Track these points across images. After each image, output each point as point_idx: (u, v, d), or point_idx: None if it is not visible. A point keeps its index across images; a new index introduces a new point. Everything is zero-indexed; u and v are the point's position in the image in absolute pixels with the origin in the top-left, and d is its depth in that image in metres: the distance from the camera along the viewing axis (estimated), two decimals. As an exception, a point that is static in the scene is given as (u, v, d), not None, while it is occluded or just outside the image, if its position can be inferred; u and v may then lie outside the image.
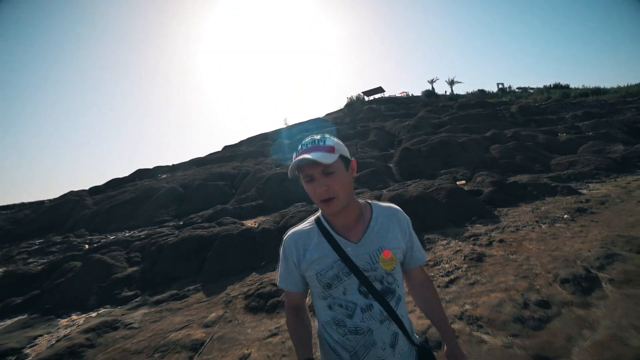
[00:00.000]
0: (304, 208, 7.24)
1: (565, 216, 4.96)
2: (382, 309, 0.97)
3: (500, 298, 2.75)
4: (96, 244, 7.76)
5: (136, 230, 9.33)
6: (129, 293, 4.51)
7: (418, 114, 21.50)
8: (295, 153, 0.99)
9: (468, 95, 32.42)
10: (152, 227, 9.13)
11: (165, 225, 9.07)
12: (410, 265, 1.11)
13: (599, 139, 11.73)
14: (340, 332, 0.99)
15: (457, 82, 37.50)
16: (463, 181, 8.62)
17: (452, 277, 3.35)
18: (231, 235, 5.22)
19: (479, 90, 34.17)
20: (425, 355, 1.05)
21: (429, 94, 33.79)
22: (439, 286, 3.20)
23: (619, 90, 24.31)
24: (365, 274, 0.97)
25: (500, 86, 34.89)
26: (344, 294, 0.98)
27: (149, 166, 22.21)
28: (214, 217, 8.13)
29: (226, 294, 3.90)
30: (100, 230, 10.57)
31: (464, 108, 21.66)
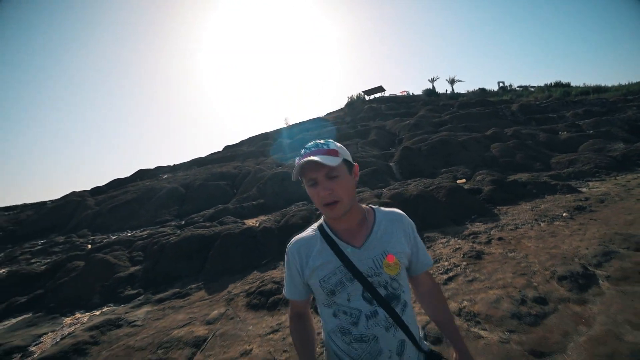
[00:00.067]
0: (304, 207, 7.28)
1: (565, 214, 4.98)
2: (387, 316, 0.95)
3: (498, 295, 2.79)
4: (99, 243, 7.82)
5: (138, 230, 9.39)
6: (132, 292, 4.56)
7: (418, 112, 21.49)
8: (298, 157, 0.99)
9: (469, 94, 32.37)
10: (154, 227, 9.18)
11: (167, 224, 9.12)
12: (416, 270, 1.09)
13: (600, 137, 11.73)
14: (346, 340, 0.97)
15: (458, 81, 37.46)
16: (463, 180, 8.64)
17: (451, 275, 3.39)
18: (232, 234, 5.27)
19: (479, 88, 34.12)
20: None
21: (430, 93, 33.76)
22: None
23: (620, 88, 24.23)
24: (369, 280, 0.96)
25: (501, 85, 34.81)
26: (348, 300, 0.96)
27: (150, 166, 22.31)
28: (216, 217, 8.18)
29: (228, 292, 3.94)
30: (103, 231, 10.64)
31: (465, 107, 21.64)
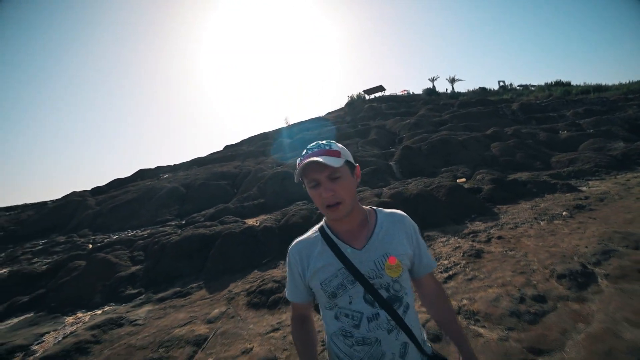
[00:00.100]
0: (305, 206, 7.29)
1: (564, 213, 5.00)
2: (390, 318, 0.94)
3: (498, 293, 2.81)
4: (100, 243, 7.84)
5: (139, 230, 9.41)
6: (133, 291, 4.58)
7: (419, 112, 21.50)
8: (299, 158, 0.98)
9: (469, 93, 32.32)
10: (155, 227, 9.20)
11: (167, 224, 9.15)
12: (419, 273, 1.07)
13: (600, 136, 11.73)
14: (348, 343, 0.96)
15: (458, 80, 37.35)
16: (463, 179, 8.66)
17: (451, 273, 3.41)
18: (233, 234, 5.29)
19: (480, 88, 34.07)
20: None
21: (430, 92, 33.72)
22: (437, 282, 3.25)
23: (620, 87, 24.19)
24: (371, 282, 0.95)
25: (502, 84, 34.76)
26: (350, 303, 0.95)
27: (150, 166, 22.29)
28: (216, 216, 8.20)
29: (229, 291, 3.96)
30: (103, 230, 10.66)
31: (465, 106, 21.63)
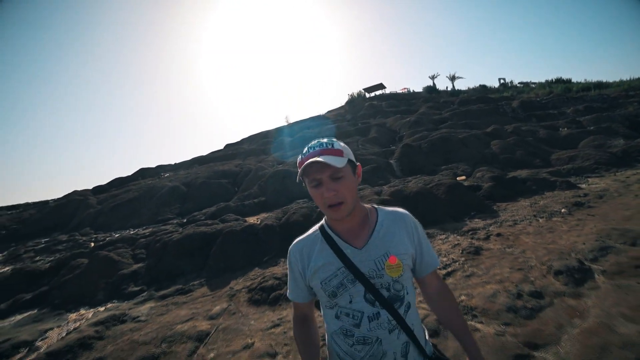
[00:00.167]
0: (305, 205, 7.32)
1: (563, 210, 5.02)
2: (391, 317, 0.93)
3: (495, 289, 2.84)
4: (102, 241, 7.89)
5: (140, 228, 9.47)
6: (135, 288, 4.63)
7: (419, 110, 21.49)
8: (300, 156, 0.96)
9: (469, 91, 32.26)
10: (156, 225, 9.26)
11: (169, 223, 9.20)
12: (422, 271, 1.05)
13: (600, 133, 11.72)
14: (349, 342, 0.95)
15: (459, 78, 37.29)
16: (463, 177, 8.68)
17: (450, 270, 3.44)
18: (234, 232, 5.33)
19: (480, 85, 34.00)
20: None
21: (430, 90, 33.68)
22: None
23: (621, 84, 24.11)
24: (371, 281, 0.94)
25: (502, 81, 34.69)
26: (351, 302, 0.95)
27: (151, 165, 22.42)
28: (217, 215, 8.24)
29: (230, 288, 4.01)
30: (105, 229, 10.73)
31: (465, 104, 21.61)
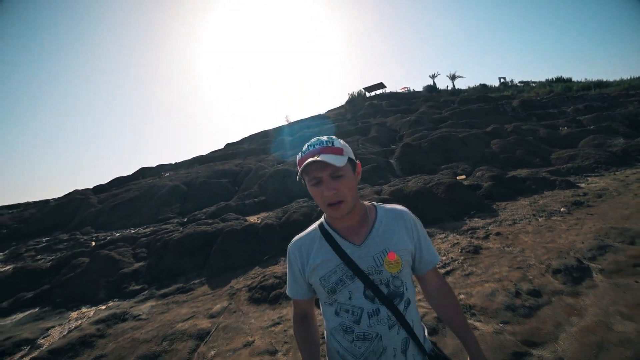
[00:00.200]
0: (305, 204, 7.35)
1: (562, 209, 5.04)
2: (390, 314, 0.93)
3: (494, 288, 2.86)
4: (102, 240, 7.92)
5: (141, 228, 9.49)
6: (136, 287, 4.65)
7: (419, 109, 21.49)
8: (300, 154, 0.96)
9: (469, 90, 32.24)
10: (157, 224, 9.28)
11: (169, 222, 9.22)
12: (422, 268, 1.05)
13: (600, 132, 11.73)
14: (348, 339, 0.95)
15: (459, 77, 37.25)
16: (463, 176, 8.70)
17: (449, 269, 3.46)
18: (235, 231, 5.35)
19: (480, 84, 33.98)
20: None
21: (430, 89, 33.66)
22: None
23: (621, 83, 24.10)
24: (371, 278, 0.94)
25: (502, 80, 34.67)
26: (350, 298, 0.95)
27: (152, 164, 22.45)
28: (218, 214, 8.26)
29: (230, 286, 4.03)
30: (106, 228, 10.76)
31: (465, 103, 21.61)
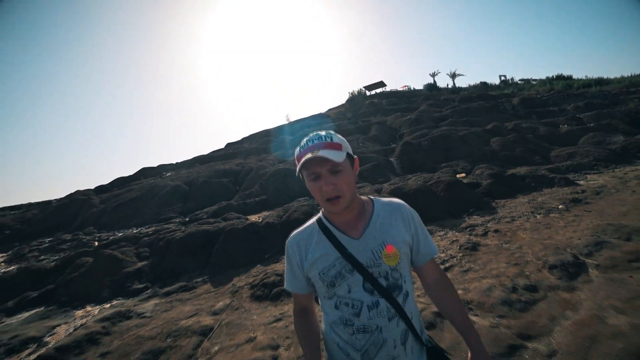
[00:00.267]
0: (306, 203, 7.40)
1: (560, 207, 5.08)
2: (390, 306, 0.94)
3: (491, 283, 2.91)
4: (105, 240, 7.99)
5: (143, 227, 9.56)
6: (140, 286, 4.72)
7: (419, 107, 21.52)
8: (299, 149, 0.97)
9: (470, 88, 32.23)
10: (159, 224, 9.35)
11: (171, 221, 9.29)
12: (421, 260, 1.06)
13: (600, 130, 11.75)
14: (349, 332, 0.95)
15: (459, 75, 37.26)
16: (463, 174, 8.74)
17: (447, 266, 3.52)
18: (236, 230, 5.41)
19: (481, 82, 33.96)
20: (438, 357, 1.01)
21: (431, 88, 33.68)
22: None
23: (622, 80, 24.06)
24: (369, 271, 0.95)
25: (503, 78, 34.64)
26: (349, 292, 0.96)
27: (153, 165, 22.53)
28: (219, 213, 8.33)
29: (232, 284, 4.09)
30: (108, 228, 10.83)
31: (466, 101, 21.63)
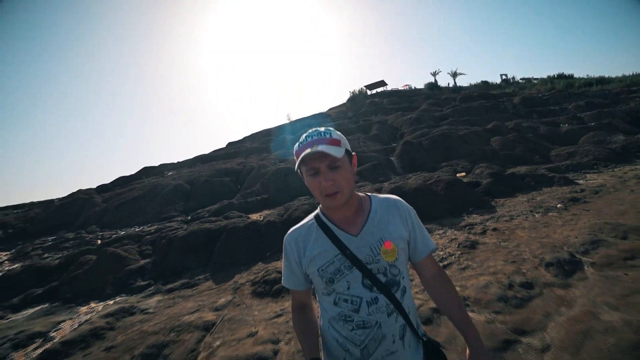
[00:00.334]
0: (307, 201, 7.46)
1: (559, 205, 5.13)
2: (388, 302, 0.95)
3: (488, 280, 2.96)
4: (108, 238, 8.07)
5: (146, 226, 9.64)
6: (143, 283, 4.79)
7: (420, 107, 21.54)
8: (298, 145, 0.98)
9: (471, 87, 32.23)
10: (161, 223, 9.42)
11: (173, 220, 9.36)
12: (418, 256, 1.07)
13: (601, 129, 11.77)
14: (348, 328, 0.96)
15: (460, 74, 37.24)
16: (463, 173, 8.78)
17: (445, 264, 3.57)
18: (238, 228, 5.47)
19: (482, 81, 33.94)
20: (434, 351, 1.02)
21: (432, 87, 33.69)
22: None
23: (623, 79, 24.01)
24: (368, 267, 0.96)
25: (504, 77, 34.61)
26: (349, 288, 0.96)
27: (154, 164, 22.64)
28: (221, 212, 8.40)
29: (234, 281, 4.16)
30: (110, 227, 10.92)
31: (467, 100, 21.65)
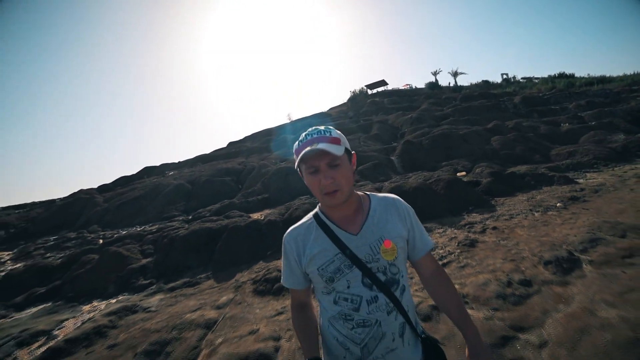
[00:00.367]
0: (307, 201, 7.49)
1: (558, 204, 5.14)
2: (388, 300, 0.96)
3: (487, 278, 2.99)
4: (110, 238, 8.11)
5: (147, 225, 9.68)
6: (145, 282, 4.83)
7: (421, 106, 21.55)
8: (298, 143, 0.98)
9: (472, 87, 32.22)
10: (162, 222, 9.46)
11: (174, 219, 9.40)
12: (417, 254, 1.08)
13: (602, 128, 11.76)
14: (348, 326, 0.97)
15: (461, 74, 37.20)
16: (463, 172, 8.80)
17: (445, 262, 3.59)
18: (239, 227, 5.50)
19: (483, 81, 33.94)
20: (432, 348, 1.03)
21: (433, 86, 33.67)
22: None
23: (624, 78, 23.99)
24: (368, 266, 0.97)
25: (505, 77, 34.60)
26: (348, 287, 0.97)
27: (155, 164, 22.72)
28: (222, 211, 8.43)
29: (235, 280, 4.19)
30: (112, 226, 10.97)
31: (467, 100, 21.65)
